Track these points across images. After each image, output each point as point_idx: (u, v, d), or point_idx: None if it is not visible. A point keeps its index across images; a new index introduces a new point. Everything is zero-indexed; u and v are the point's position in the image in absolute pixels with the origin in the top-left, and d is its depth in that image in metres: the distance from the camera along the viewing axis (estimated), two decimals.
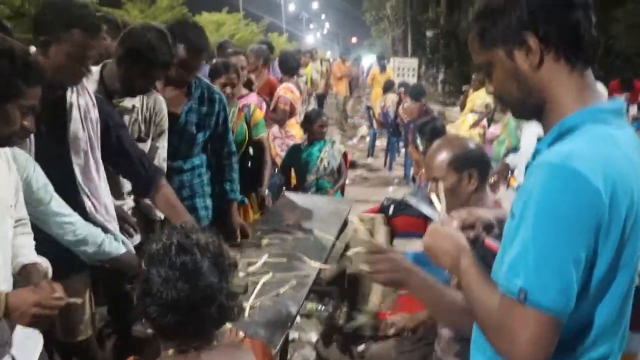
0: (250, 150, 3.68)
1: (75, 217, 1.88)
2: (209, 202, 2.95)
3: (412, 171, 8.07)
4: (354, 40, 60.31)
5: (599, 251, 1.10)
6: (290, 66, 5.45)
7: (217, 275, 1.28)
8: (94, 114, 2.05)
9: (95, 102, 2.07)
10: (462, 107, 12.70)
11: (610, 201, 1.07)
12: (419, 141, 4.42)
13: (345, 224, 3.58)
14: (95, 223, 2.00)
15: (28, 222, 1.78)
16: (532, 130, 3.23)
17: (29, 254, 1.70)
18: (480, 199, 2.12)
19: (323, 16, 72.71)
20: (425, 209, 1.57)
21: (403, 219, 4.33)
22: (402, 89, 9.05)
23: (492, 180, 3.28)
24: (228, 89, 3.28)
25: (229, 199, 3.05)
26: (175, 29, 2.51)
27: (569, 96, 1.17)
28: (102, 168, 2.08)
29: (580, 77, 1.17)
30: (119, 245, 1.99)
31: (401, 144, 8.93)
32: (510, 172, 3.23)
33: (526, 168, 1.27)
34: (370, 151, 9.76)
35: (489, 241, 1.58)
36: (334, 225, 3.32)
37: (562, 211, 1.06)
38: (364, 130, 12.27)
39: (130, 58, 2.20)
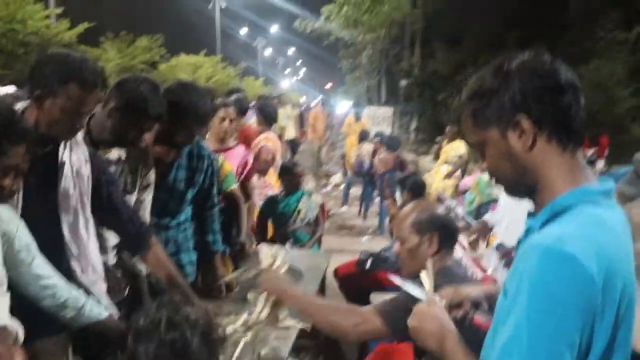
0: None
1: (55, 279, 1.81)
2: (193, 256, 2.91)
3: (386, 222, 8.13)
4: (328, 86, 61.08)
5: (594, 334, 1.10)
6: (270, 115, 5.46)
7: (206, 352, 1.25)
8: (86, 169, 2.00)
9: (88, 157, 2.03)
10: (436, 158, 12.96)
11: (603, 284, 1.08)
12: (398, 195, 4.45)
13: (324, 279, 3.57)
14: (80, 285, 1.94)
15: (5, 281, 1.72)
16: None
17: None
18: (441, 263, 2.17)
19: (299, 62, 73.76)
20: (410, 289, 1.56)
21: (382, 274, 4.31)
22: (378, 139, 9.15)
23: (471, 238, 3.31)
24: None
25: (213, 251, 3.01)
26: (180, 92, 2.51)
27: (561, 177, 1.20)
28: (92, 225, 2.03)
29: (571, 157, 1.20)
30: (100, 310, 1.92)
31: (375, 193, 9.01)
32: (489, 230, 3.27)
33: (518, 243, 1.30)
34: (345, 200, 9.79)
35: (478, 318, 1.58)
36: (313, 280, 3.29)
37: (556, 295, 1.06)
38: (338, 178, 12.34)
39: (123, 109, 2.16)
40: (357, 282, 4.32)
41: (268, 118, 5.42)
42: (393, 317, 1.99)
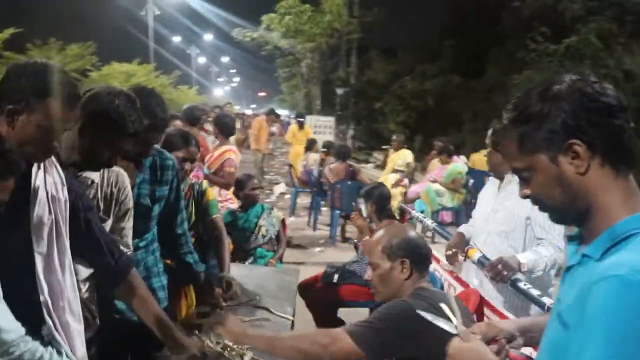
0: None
1: (11, 334, 1.52)
2: (164, 280, 2.67)
3: (338, 232, 8.07)
4: (262, 94, 60.95)
5: None
6: (228, 127, 5.31)
7: None
8: (63, 194, 1.76)
9: (64, 180, 1.80)
10: (383, 167, 13.08)
11: None
12: (363, 207, 4.36)
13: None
14: (44, 324, 1.69)
15: None
16: (486, 200, 3.24)
17: None
18: (415, 286, 2.15)
19: (233, 70, 73.22)
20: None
21: (349, 288, 4.22)
22: (325, 149, 9.08)
23: (449, 252, 3.26)
24: (187, 164, 3.02)
25: (196, 272, 2.83)
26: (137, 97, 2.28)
27: (617, 202, 1.15)
28: (68, 257, 1.78)
29: (625, 181, 1.16)
30: None
31: (322, 202, 8.96)
32: (467, 242, 3.23)
33: (567, 269, 1.22)
34: (292, 210, 9.66)
35: (512, 353, 1.51)
36: (287, 301, 3.14)
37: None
38: (282, 187, 12.21)
39: (97, 127, 1.93)
40: (324, 297, 4.21)
41: (225, 130, 5.26)
42: (368, 339, 1.96)
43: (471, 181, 8.17)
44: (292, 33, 17.40)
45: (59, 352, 1.68)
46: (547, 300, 2.37)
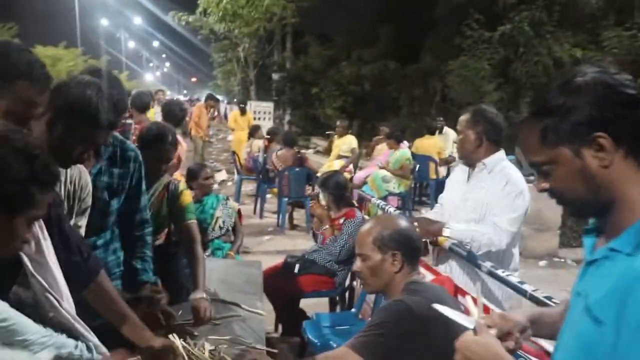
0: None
1: (35, 335, 1.39)
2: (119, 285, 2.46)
3: (287, 220, 7.98)
4: (193, 80, 59.75)
5: None
6: (176, 115, 5.11)
7: None
8: None
9: None
10: (325, 153, 13.05)
11: None
12: (321, 196, 4.30)
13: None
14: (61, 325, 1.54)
15: None
16: (455, 187, 3.23)
17: None
18: (406, 280, 2.11)
19: (164, 55, 71.29)
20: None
21: (311, 278, 4.16)
22: (269, 136, 8.95)
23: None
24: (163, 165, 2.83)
25: (141, 281, 2.45)
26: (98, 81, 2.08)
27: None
28: (52, 250, 1.61)
29: None
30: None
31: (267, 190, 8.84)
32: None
33: (590, 263, 1.20)
34: (237, 198, 9.48)
35: (525, 345, 1.48)
36: (255, 296, 3.04)
37: None
38: (223, 174, 11.98)
39: (68, 120, 1.75)
40: (286, 288, 4.12)
41: (172, 118, 5.06)
42: (372, 348, 1.90)
43: (417, 166, 8.25)
44: (230, 17, 17.00)
45: (88, 348, 1.56)
46: (528, 288, 2.36)
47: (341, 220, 4.25)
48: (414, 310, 1.90)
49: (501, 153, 3.05)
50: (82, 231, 2.12)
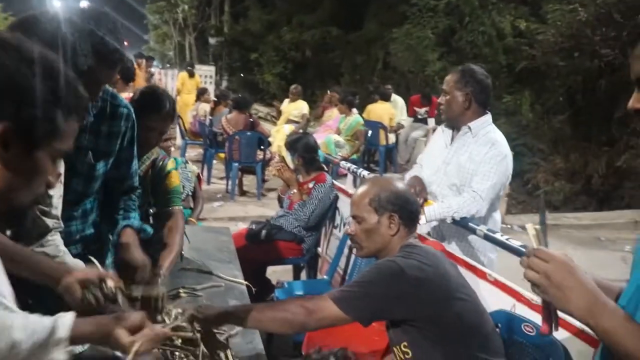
0: None
1: None
2: (109, 261, 2.14)
3: (236, 187, 7.72)
4: (125, 43, 57.40)
5: None
6: (129, 72, 4.77)
7: None
8: None
9: None
10: (277, 118, 12.77)
11: None
12: (289, 158, 4.10)
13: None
14: None
15: None
16: (437, 150, 3.10)
17: None
18: (402, 243, 2.01)
19: None
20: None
21: (278, 245, 3.97)
22: (216, 99, 8.61)
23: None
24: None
25: (124, 226, 2.09)
26: (80, 23, 1.69)
27: None
28: None
29: None
30: None
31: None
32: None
33: None
34: None
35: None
36: (231, 264, 2.85)
37: None
38: None
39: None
40: (252, 256, 3.91)
41: (125, 75, 4.72)
42: (355, 305, 1.82)
43: (369, 132, 8.15)
44: None
45: None
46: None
47: (310, 185, 4.07)
48: (406, 271, 1.81)
49: (487, 117, 2.95)
50: (58, 203, 1.79)
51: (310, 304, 1.83)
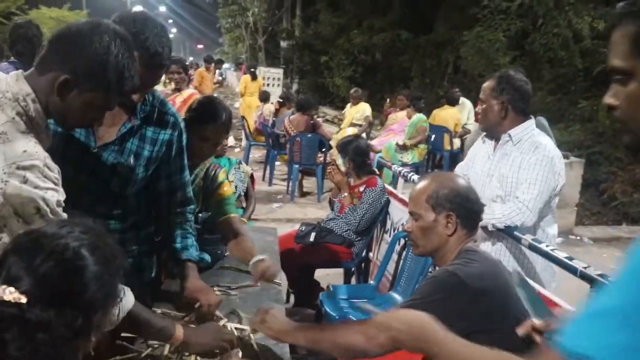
0: None
1: None
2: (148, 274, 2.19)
3: (295, 188, 7.75)
4: (200, 46, 59.14)
5: None
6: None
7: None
8: None
9: None
10: (333, 122, 12.79)
11: None
12: (340, 161, 4.06)
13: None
14: None
15: None
16: (480, 161, 2.96)
17: None
18: (460, 246, 1.88)
19: (170, 21, 70.47)
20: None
21: (327, 247, 3.94)
22: (281, 100, 8.68)
23: None
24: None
25: (181, 260, 2.15)
26: (127, 26, 1.71)
27: None
28: None
29: None
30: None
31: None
32: None
33: None
34: (246, 163, 9.23)
35: None
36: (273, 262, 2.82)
37: None
38: (230, 140, 11.73)
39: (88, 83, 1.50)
40: (300, 259, 3.91)
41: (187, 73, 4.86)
42: None
43: (432, 136, 7.99)
44: None
45: None
46: (578, 264, 2.12)
47: (361, 188, 4.02)
48: (467, 283, 1.68)
49: (529, 123, 2.77)
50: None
51: (370, 329, 1.68)
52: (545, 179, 2.59)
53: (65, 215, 1.43)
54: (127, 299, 1.55)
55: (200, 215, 2.62)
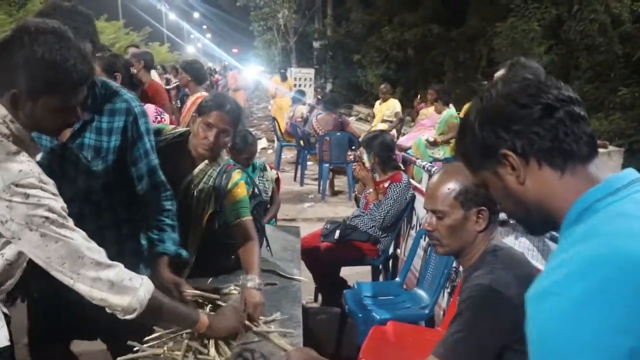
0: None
1: None
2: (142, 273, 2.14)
3: (326, 187, 7.73)
4: (235, 50, 59.74)
5: None
6: (199, 72, 5.03)
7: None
8: None
9: None
10: (366, 120, 12.71)
11: None
12: (365, 157, 4.01)
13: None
14: None
15: None
16: None
17: None
18: (490, 242, 1.75)
19: (204, 26, 71.41)
20: None
21: (351, 245, 3.90)
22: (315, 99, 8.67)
23: None
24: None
25: (157, 254, 2.10)
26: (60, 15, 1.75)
27: (566, 205, 1.03)
28: None
29: (572, 177, 1.04)
30: None
31: (308, 156, 8.58)
32: None
33: None
34: (277, 165, 9.26)
35: None
36: (292, 263, 2.81)
37: None
38: (263, 142, 11.80)
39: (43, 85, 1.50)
40: (326, 256, 3.89)
41: (197, 76, 4.92)
42: (462, 356, 1.58)
43: None
44: None
45: None
46: None
47: (386, 184, 3.96)
48: (503, 292, 1.53)
49: None
50: None
51: None
52: None
53: (71, 220, 1.46)
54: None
55: (216, 218, 2.59)
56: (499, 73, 2.91)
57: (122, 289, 1.52)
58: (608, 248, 0.86)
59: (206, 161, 2.44)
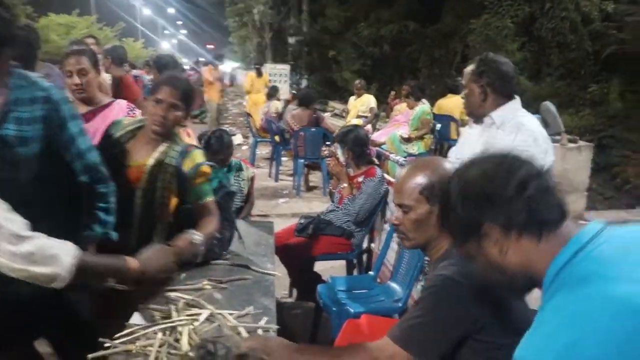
0: None
1: None
2: None
3: (301, 182, 7.73)
4: (210, 46, 59.32)
5: None
6: (167, 67, 4.97)
7: None
8: None
9: None
10: (342, 116, 12.72)
11: None
12: (339, 152, 4.02)
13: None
14: None
15: None
16: (469, 146, 2.90)
17: None
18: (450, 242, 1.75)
19: (179, 22, 70.73)
20: None
21: (326, 239, 3.92)
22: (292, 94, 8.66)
23: None
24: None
25: (86, 237, 2.08)
26: None
27: (545, 267, 1.14)
28: None
29: (547, 242, 1.15)
30: None
31: (283, 152, 8.57)
32: None
33: None
34: (252, 161, 9.23)
35: None
36: (266, 257, 2.80)
37: None
38: (239, 138, 11.74)
39: None
40: (300, 251, 3.89)
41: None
42: (416, 339, 1.60)
43: (438, 126, 7.91)
44: None
45: None
46: None
47: (360, 179, 3.98)
48: (468, 285, 1.55)
49: (513, 103, 2.74)
50: None
51: (374, 350, 1.63)
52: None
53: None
54: (68, 250, 1.61)
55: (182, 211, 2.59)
56: (468, 68, 2.96)
57: (44, 259, 1.52)
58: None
59: (165, 143, 2.42)
